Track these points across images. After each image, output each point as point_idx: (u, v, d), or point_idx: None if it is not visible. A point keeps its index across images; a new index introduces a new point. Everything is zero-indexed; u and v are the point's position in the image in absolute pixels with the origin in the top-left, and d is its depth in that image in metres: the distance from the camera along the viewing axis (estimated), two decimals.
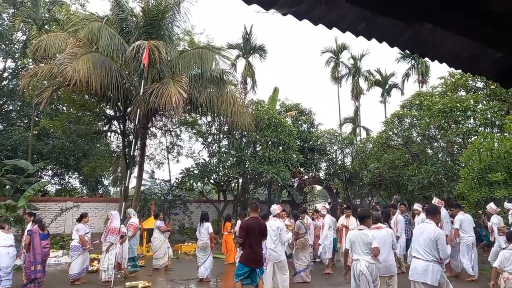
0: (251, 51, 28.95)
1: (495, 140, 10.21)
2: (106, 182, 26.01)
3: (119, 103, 15.70)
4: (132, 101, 14.10)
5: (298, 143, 20.03)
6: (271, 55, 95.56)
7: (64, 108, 19.91)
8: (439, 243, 4.77)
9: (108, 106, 17.20)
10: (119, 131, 17.05)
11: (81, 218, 8.90)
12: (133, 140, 14.22)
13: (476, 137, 11.06)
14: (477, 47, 1.85)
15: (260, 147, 18.17)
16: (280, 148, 17.91)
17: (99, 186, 25.74)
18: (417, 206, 8.84)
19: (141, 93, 10.93)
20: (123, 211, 11.66)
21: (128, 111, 16.05)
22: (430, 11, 1.72)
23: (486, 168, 9.35)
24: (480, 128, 12.85)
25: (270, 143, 17.65)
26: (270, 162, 16.76)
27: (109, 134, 18.27)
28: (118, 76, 13.15)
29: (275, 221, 6.97)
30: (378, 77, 32.90)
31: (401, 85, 32.47)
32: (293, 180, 20.60)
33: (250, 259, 6.07)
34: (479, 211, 9.77)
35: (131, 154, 14.80)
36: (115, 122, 17.36)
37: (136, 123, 12.24)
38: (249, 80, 28.77)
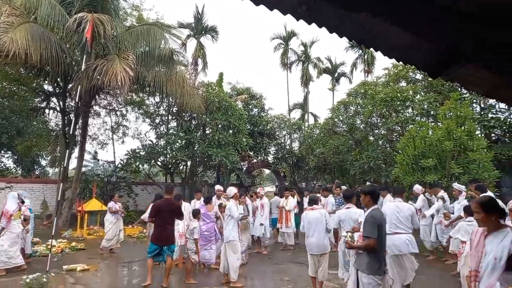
0: (203, 32, 28.28)
1: (429, 128, 10.98)
2: (43, 163, 24.41)
3: (58, 79, 14.70)
4: (73, 77, 13.26)
5: (248, 127, 20.13)
6: (222, 38, 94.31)
7: None
8: (414, 217, 5.72)
9: (46, 82, 16.03)
10: (58, 108, 16.01)
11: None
12: (74, 118, 13.44)
13: (412, 125, 11.82)
14: (410, 37, 1.96)
15: (210, 130, 18.01)
16: (230, 131, 17.89)
17: (35, 167, 24.11)
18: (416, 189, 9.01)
19: (83, 69, 10.28)
20: (60, 193, 11.11)
21: (69, 87, 15.09)
22: (368, 1, 1.78)
23: (419, 155, 10.07)
24: (417, 118, 13.73)
25: (220, 126, 17.56)
26: (219, 145, 16.71)
27: (47, 111, 17.07)
28: (59, 50, 12.26)
29: (228, 202, 7.16)
30: (328, 65, 33.72)
31: (350, 74, 33.59)
32: (242, 164, 20.76)
33: (159, 237, 6.51)
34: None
35: (72, 133, 13.98)
36: (54, 99, 16.25)
37: (77, 100, 11.55)
38: (200, 61, 28.18)
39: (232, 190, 7.37)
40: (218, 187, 8.53)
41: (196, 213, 7.28)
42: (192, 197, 18.76)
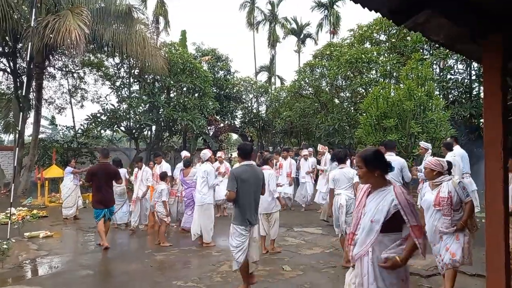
0: None
1: (391, 89, 11.22)
2: None
3: (7, 37, 13.55)
4: (23, 35, 12.25)
5: (214, 90, 19.75)
6: None
7: None
8: (404, 170, 5.90)
9: None
10: (9, 70, 14.91)
11: None
12: (26, 80, 12.58)
13: (376, 87, 12.02)
14: None
15: (175, 93, 17.52)
16: (196, 94, 17.50)
17: None
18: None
19: (32, 25, 9.49)
20: (17, 160, 10.58)
21: (19, 47, 14.00)
22: None
23: (381, 115, 10.32)
24: (380, 79, 13.96)
25: (185, 89, 17.11)
26: (185, 109, 16.35)
27: None
28: (4, 4, 11.23)
29: (205, 165, 6.96)
30: (294, 26, 33.26)
31: (315, 35, 33.37)
32: (208, 128, 20.54)
33: (98, 200, 6.67)
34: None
35: (25, 96, 13.14)
36: (4, 60, 15.09)
37: (29, 60, 10.76)
38: (161, 19, 26.89)
39: (207, 154, 7.17)
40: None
41: (163, 176, 7.21)
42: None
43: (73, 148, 16.55)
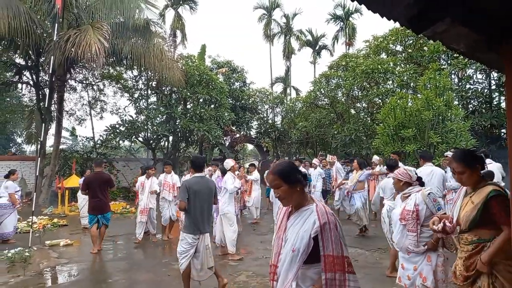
0: (181, 2, 27.41)
1: (409, 99, 11.10)
2: (19, 140, 23.70)
3: (30, 51, 14.07)
4: (46, 49, 12.67)
5: (230, 101, 19.94)
6: (202, 9, 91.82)
7: None
8: (447, 180, 6.15)
9: (17, 55, 15.30)
10: (31, 82, 15.41)
11: (9, 174, 8.30)
12: (48, 92, 12.97)
13: (393, 97, 11.92)
14: None
15: (191, 104, 17.74)
16: (212, 105, 17.68)
17: (11, 144, 23.39)
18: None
19: (55, 39, 9.82)
20: (39, 170, 10.88)
21: (41, 60, 14.48)
22: None
23: (399, 125, 10.20)
24: (397, 89, 13.84)
25: (201, 100, 17.31)
26: (201, 119, 16.53)
27: (20, 86, 16.42)
28: (28, 20, 11.67)
29: (226, 174, 6.98)
30: (309, 37, 33.40)
31: (331, 46, 33.45)
32: (224, 138, 20.68)
33: (93, 207, 7.06)
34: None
35: (47, 108, 13.52)
36: (27, 73, 15.61)
37: (51, 73, 11.12)
38: (178, 33, 27.44)
39: (230, 163, 7.17)
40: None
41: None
42: (175, 172, 18.76)
43: (93, 159, 16.86)
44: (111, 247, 7.70)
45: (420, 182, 3.70)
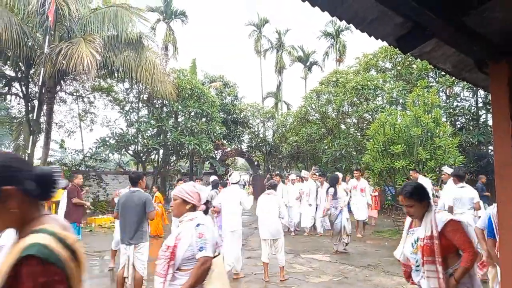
0: (172, 16, 27.69)
1: (398, 116, 11.25)
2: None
3: (20, 63, 13.92)
4: (36, 61, 12.59)
5: (222, 115, 19.97)
6: (193, 24, 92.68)
7: None
8: (476, 200, 6.01)
9: (7, 66, 15.16)
10: (21, 94, 15.24)
11: None
12: (38, 104, 12.83)
13: (382, 113, 12.08)
14: (382, 10, 1.93)
15: (182, 117, 17.71)
16: (203, 119, 17.67)
17: None
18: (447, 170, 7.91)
19: (46, 52, 9.78)
20: None
21: (31, 72, 14.37)
22: None
23: (388, 141, 10.31)
24: (386, 105, 14.04)
25: (192, 113, 17.30)
26: (192, 133, 16.49)
27: (9, 97, 16.24)
28: (20, 31, 11.61)
29: (235, 188, 6.55)
30: (300, 53, 33.86)
31: (322, 62, 33.89)
32: (215, 152, 20.62)
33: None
34: (382, 180, 10.79)
35: (36, 120, 13.36)
36: (16, 84, 15.46)
37: (41, 85, 11.02)
38: (170, 47, 27.61)
39: (236, 177, 6.82)
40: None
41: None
42: (165, 186, 18.54)
43: (81, 171, 16.64)
44: (97, 263, 7.53)
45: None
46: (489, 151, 13.93)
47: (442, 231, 2.56)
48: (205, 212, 2.81)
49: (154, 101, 17.16)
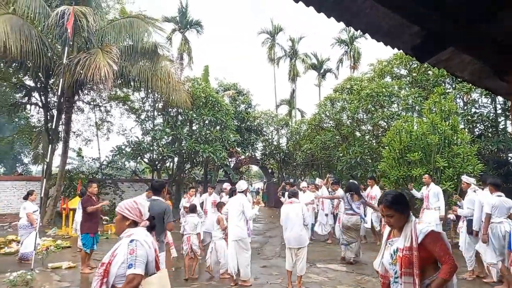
0: (188, 26, 28.08)
1: (414, 123, 11.10)
2: (26, 160, 23.88)
3: (40, 73, 14.33)
4: (55, 71, 12.94)
5: (235, 123, 20.04)
6: (208, 33, 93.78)
7: None
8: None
9: (27, 76, 15.62)
10: (40, 104, 15.64)
11: (28, 195, 8.43)
12: (57, 114, 13.14)
13: (398, 120, 11.94)
14: (397, 19, 1.93)
15: (197, 125, 17.85)
16: (217, 127, 17.77)
17: (17, 164, 23.57)
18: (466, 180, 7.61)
19: (65, 62, 10.03)
20: (44, 190, 10.88)
21: (50, 82, 14.76)
22: None
23: (405, 148, 10.16)
24: (402, 112, 13.87)
25: (207, 122, 17.41)
26: (206, 141, 16.58)
27: (28, 107, 16.67)
28: (40, 43, 11.95)
29: (240, 196, 6.52)
30: (314, 60, 33.83)
31: (336, 69, 33.79)
32: (229, 160, 20.67)
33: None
34: (406, 188, 10.60)
35: (55, 129, 13.68)
36: (36, 94, 15.87)
37: (60, 95, 11.29)
38: (185, 56, 27.97)
39: (244, 185, 6.77)
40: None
41: (193, 208, 7.18)
42: (179, 193, 18.66)
43: (98, 179, 16.91)
44: None
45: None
46: (509, 158, 13.57)
47: (422, 242, 2.52)
48: (150, 228, 2.77)
49: (169, 110, 17.36)
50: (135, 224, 2.64)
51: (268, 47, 32.74)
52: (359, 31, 2.13)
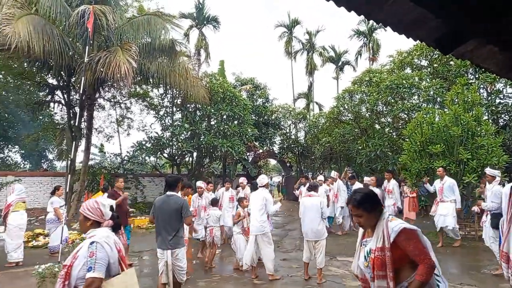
0: (204, 22, 28.17)
1: (436, 114, 10.86)
2: (50, 156, 24.62)
3: (62, 72, 14.70)
4: (77, 69, 13.25)
5: (253, 117, 20.07)
6: (225, 28, 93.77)
7: (0, 76, 18.29)
8: None
9: (50, 75, 16.05)
10: (63, 101, 16.07)
11: (55, 190, 8.76)
12: (79, 111, 13.47)
13: (419, 112, 11.71)
14: (420, 12, 1.90)
15: (215, 120, 17.97)
16: (235, 122, 17.85)
17: (42, 161, 24.31)
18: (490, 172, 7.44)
19: (86, 61, 10.25)
20: (68, 185, 11.19)
21: (72, 80, 15.11)
22: None
23: (426, 141, 9.97)
24: (423, 104, 13.59)
25: (225, 116, 17.51)
26: (225, 136, 16.69)
27: (52, 104, 17.15)
28: (61, 42, 12.23)
29: (262, 191, 6.50)
30: (332, 53, 33.44)
31: (354, 62, 33.33)
32: (247, 154, 20.77)
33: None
34: (421, 181, 10.44)
35: (77, 126, 14.03)
36: (59, 92, 16.30)
37: (82, 93, 11.56)
38: (202, 52, 28.10)
39: (265, 179, 6.67)
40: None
41: (215, 202, 7.57)
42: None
43: (120, 174, 17.29)
44: (137, 263, 7.79)
45: None
46: None
47: (395, 241, 2.33)
48: (115, 227, 2.75)
49: (188, 105, 17.53)
50: (98, 224, 2.63)
51: (285, 41, 32.53)
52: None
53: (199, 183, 8.14)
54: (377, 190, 8.53)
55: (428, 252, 2.30)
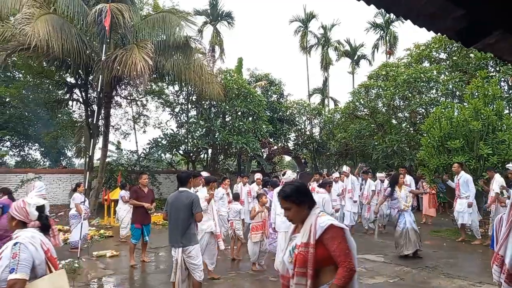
0: (219, 18, 28.19)
1: (455, 109, 10.61)
2: (69, 154, 25.14)
3: (80, 71, 14.95)
4: (94, 68, 13.45)
5: (268, 113, 20.03)
6: (239, 23, 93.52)
7: (20, 75, 18.74)
8: None
9: (68, 74, 16.35)
10: (81, 99, 16.36)
11: (76, 187, 9.07)
12: (97, 109, 13.68)
13: (437, 106, 11.46)
14: (440, 3, 1.84)
15: (230, 117, 18.02)
16: (250, 118, 17.85)
17: (61, 158, 24.85)
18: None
19: (103, 59, 10.40)
20: (87, 182, 11.40)
21: (90, 79, 15.35)
22: None
23: (445, 136, 9.75)
24: (441, 98, 13.30)
25: (239, 113, 17.53)
26: (239, 132, 16.71)
27: (70, 103, 17.48)
28: (79, 41, 12.43)
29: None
30: (347, 47, 33.01)
31: (370, 56, 32.84)
32: (262, 151, 20.74)
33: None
34: (440, 177, 10.24)
35: (95, 124, 14.26)
36: (77, 91, 16.60)
37: (99, 91, 11.71)
38: (217, 48, 28.14)
39: (291, 176, 6.55)
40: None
41: (237, 197, 8.09)
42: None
43: (136, 171, 17.53)
44: (153, 259, 7.89)
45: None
46: None
47: (320, 238, 2.19)
48: (44, 228, 2.64)
49: (203, 102, 17.63)
50: (23, 224, 2.55)
51: (300, 35, 32.23)
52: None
53: (258, 175, 9.80)
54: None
55: (351, 255, 2.17)
